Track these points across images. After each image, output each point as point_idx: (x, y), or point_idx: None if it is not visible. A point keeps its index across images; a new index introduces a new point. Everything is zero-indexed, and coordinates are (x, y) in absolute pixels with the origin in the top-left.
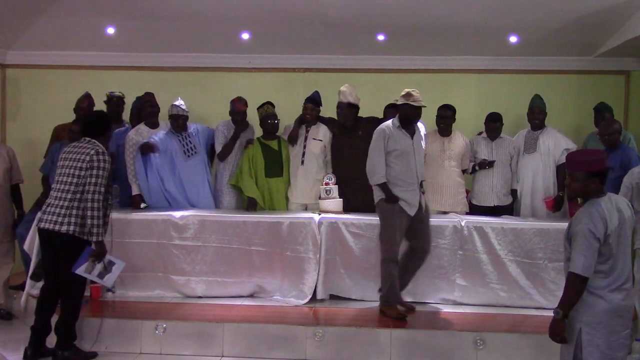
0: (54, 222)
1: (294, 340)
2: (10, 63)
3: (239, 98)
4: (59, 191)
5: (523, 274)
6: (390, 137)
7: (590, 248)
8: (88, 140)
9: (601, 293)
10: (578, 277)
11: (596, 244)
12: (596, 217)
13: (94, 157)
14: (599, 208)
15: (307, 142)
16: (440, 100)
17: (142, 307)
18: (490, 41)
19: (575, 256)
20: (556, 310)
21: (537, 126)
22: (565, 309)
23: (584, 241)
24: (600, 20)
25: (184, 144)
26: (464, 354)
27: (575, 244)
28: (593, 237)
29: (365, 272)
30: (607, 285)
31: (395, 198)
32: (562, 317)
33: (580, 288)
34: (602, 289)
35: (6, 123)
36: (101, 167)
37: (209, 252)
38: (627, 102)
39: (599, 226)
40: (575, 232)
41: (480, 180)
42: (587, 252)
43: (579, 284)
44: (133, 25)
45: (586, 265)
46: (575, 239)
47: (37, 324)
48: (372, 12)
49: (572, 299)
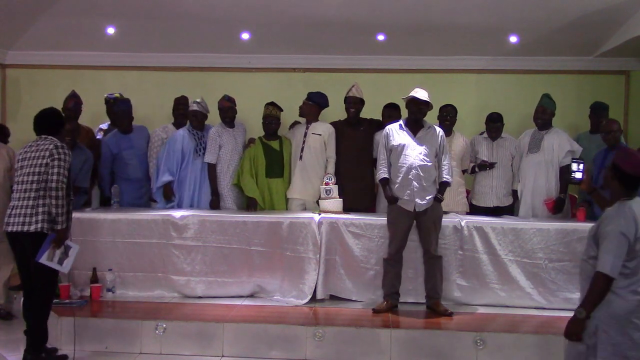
0: (22, 224)
1: (294, 340)
2: (10, 63)
3: (224, 96)
4: (21, 192)
5: (523, 274)
6: (390, 135)
7: (620, 249)
8: (45, 137)
9: (621, 293)
10: (606, 277)
11: (626, 245)
12: (629, 217)
13: (53, 151)
14: (630, 209)
15: (307, 138)
16: (440, 101)
17: (142, 307)
18: (490, 41)
19: (604, 256)
20: (579, 310)
21: (542, 126)
22: (588, 308)
23: (614, 242)
24: (600, 20)
25: (198, 143)
26: (464, 354)
27: (605, 244)
28: (624, 238)
29: (365, 272)
30: (628, 285)
31: (391, 199)
32: (585, 316)
33: (607, 288)
34: (623, 288)
35: (6, 123)
36: (62, 159)
37: (209, 252)
38: (627, 102)
39: (630, 227)
40: (606, 232)
41: (480, 180)
42: (617, 253)
43: (606, 284)
44: (133, 25)
45: (615, 266)
46: (606, 238)
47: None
48: (372, 12)
49: (597, 299)
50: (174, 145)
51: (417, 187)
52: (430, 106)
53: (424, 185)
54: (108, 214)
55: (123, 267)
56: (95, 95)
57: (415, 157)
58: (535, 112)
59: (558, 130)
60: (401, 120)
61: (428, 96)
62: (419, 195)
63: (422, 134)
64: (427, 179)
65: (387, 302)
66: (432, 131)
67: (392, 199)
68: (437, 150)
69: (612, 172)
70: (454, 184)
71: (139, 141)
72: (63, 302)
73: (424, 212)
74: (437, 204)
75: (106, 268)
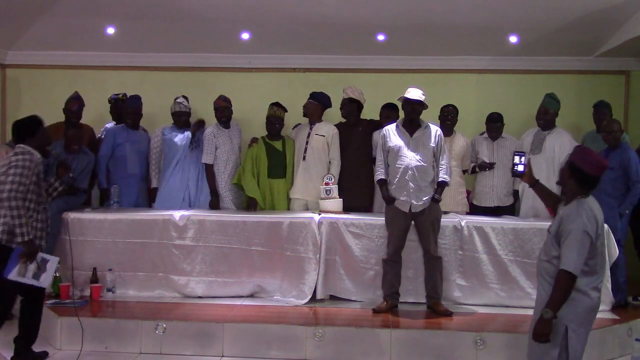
0: None
1: (294, 340)
2: (10, 63)
3: (220, 96)
4: None
5: (523, 274)
6: (387, 136)
7: (584, 247)
8: (18, 146)
9: (586, 291)
10: (570, 275)
11: (588, 243)
12: (590, 216)
13: (12, 158)
14: (589, 207)
15: (310, 138)
16: (441, 101)
17: (142, 307)
18: (490, 41)
19: (568, 254)
20: (545, 310)
21: (544, 126)
22: (555, 308)
23: (578, 240)
24: (600, 20)
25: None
26: (464, 354)
27: (568, 242)
28: (587, 236)
29: (365, 272)
30: (589, 283)
31: (388, 199)
32: (552, 317)
33: (571, 286)
34: (586, 286)
35: (6, 123)
36: (19, 166)
37: (209, 252)
38: (627, 102)
39: (592, 225)
40: (569, 231)
41: (481, 180)
42: (581, 251)
43: (571, 283)
44: (133, 25)
45: (578, 264)
46: (569, 237)
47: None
48: (372, 12)
49: (562, 298)
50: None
51: (413, 188)
52: (424, 105)
53: (420, 186)
54: (108, 214)
55: (123, 267)
56: (95, 96)
57: (411, 157)
58: (538, 113)
59: (561, 130)
60: (398, 121)
61: (422, 94)
62: (415, 196)
63: (418, 134)
64: (423, 180)
65: (387, 302)
66: (429, 131)
67: (389, 199)
68: (435, 150)
69: (569, 171)
70: (454, 184)
71: (141, 140)
72: (63, 302)
73: (421, 213)
74: (435, 204)
75: (106, 268)
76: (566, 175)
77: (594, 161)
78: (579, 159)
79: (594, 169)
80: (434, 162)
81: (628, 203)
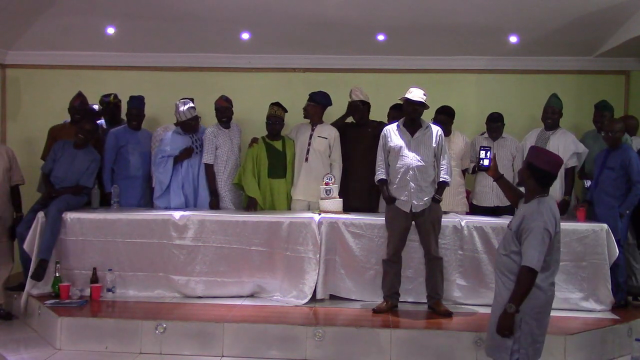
0: None
1: (294, 340)
2: (10, 63)
3: (221, 96)
4: None
5: None
6: (388, 136)
7: (544, 244)
8: None
9: (542, 286)
10: (532, 271)
11: (548, 241)
12: (550, 214)
13: None
14: (549, 206)
15: (312, 140)
16: (441, 101)
17: (142, 307)
18: (490, 41)
19: (529, 251)
20: (509, 305)
21: (550, 126)
22: (517, 302)
23: (539, 237)
24: (600, 20)
25: (194, 143)
26: (464, 354)
27: (529, 239)
28: (547, 234)
29: (365, 272)
30: (545, 278)
31: (389, 199)
32: (515, 311)
33: (533, 281)
34: (543, 281)
35: (6, 123)
36: None
37: (209, 252)
38: (627, 102)
39: (552, 223)
40: (531, 228)
41: (481, 180)
42: (541, 248)
43: (532, 278)
44: (133, 25)
45: (540, 260)
46: (530, 234)
47: None
48: (372, 12)
49: (525, 292)
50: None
51: (414, 188)
52: (425, 106)
53: (421, 186)
54: (108, 214)
55: (123, 267)
56: (95, 96)
57: (412, 158)
58: (545, 112)
59: (565, 131)
60: (399, 121)
61: (424, 94)
62: (416, 196)
63: (419, 134)
64: (424, 180)
65: (387, 303)
66: (430, 131)
67: (390, 199)
68: (435, 150)
69: (528, 170)
70: (454, 184)
71: (144, 141)
72: (63, 302)
73: (421, 213)
74: (436, 204)
75: (106, 268)
76: (525, 175)
77: (550, 159)
78: (536, 159)
79: (551, 167)
80: (434, 162)
81: (628, 203)
